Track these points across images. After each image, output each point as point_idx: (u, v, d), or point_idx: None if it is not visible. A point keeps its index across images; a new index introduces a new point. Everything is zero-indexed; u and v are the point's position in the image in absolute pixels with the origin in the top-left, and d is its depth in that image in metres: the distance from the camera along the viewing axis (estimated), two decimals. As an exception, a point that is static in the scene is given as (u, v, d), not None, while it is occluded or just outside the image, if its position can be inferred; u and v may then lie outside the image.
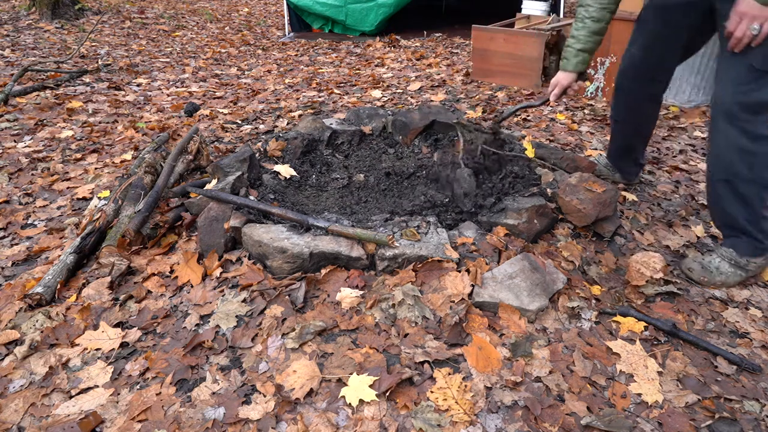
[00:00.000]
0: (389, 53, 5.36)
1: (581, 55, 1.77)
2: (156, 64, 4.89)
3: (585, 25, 1.74)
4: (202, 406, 1.32)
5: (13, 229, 2.13)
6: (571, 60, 1.79)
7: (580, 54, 1.77)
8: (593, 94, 3.75)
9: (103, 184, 2.48)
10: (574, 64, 1.79)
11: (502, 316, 1.58)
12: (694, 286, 1.77)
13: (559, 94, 1.86)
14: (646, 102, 2.06)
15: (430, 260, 1.70)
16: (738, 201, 1.66)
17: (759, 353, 1.49)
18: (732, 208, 1.69)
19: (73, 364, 1.46)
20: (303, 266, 1.73)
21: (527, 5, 5.18)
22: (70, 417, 1.29)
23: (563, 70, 1.82)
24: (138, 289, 1.73)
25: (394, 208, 2.04)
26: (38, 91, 3.84)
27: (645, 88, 2.00)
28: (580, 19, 1.76)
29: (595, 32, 1.74)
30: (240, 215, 1.87)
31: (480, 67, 4.21)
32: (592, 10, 1.72)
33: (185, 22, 7.25)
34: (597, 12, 1.71)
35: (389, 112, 2.87)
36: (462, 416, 1.27)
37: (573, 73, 1.81)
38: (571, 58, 1.79)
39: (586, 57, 1.77)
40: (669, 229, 2.08)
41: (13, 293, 1.71)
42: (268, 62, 5.09)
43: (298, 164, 2.40)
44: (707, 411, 1.31)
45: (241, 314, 1.61)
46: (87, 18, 6.97)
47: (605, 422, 1.26)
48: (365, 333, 1.54)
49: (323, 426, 1.26)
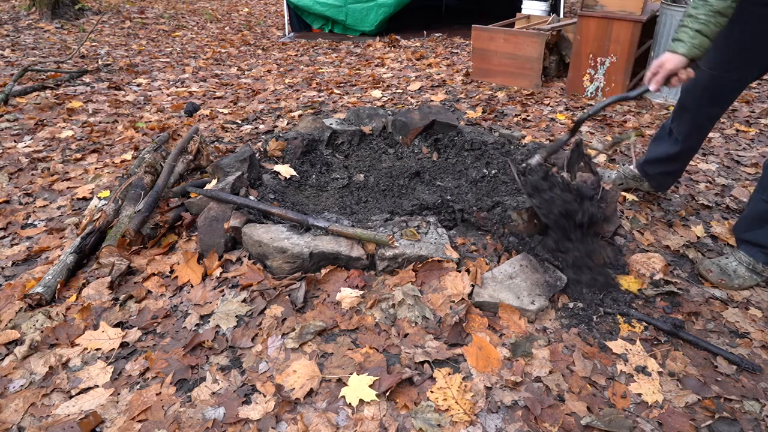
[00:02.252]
0: (389, 53, 5.36)
1: (699, 38, 1.46)
2: (156, 64, 4.89)
3: (706, 3, 1.44)
4: (202, 406, 1.32)
5: (13, 229, 2.13)
6: (686, 42, 1.47)
7: (698, 36, 1.46)
8: (593, 94, 3.75)
9: (103, 184, 2.48)
10: (689, 48, 1.47)
11: (502, 316, 1.58)
12: (694, 286, 1.77)
13: (663, 81, 1.53)
14: (708, 121, 1.93)
15: (430, 260, 1.70)
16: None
17: (759, 353, 1.49)
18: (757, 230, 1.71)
19: (73, 364, 1.46)
20: (303, 266, 1.73)
21: (527, 5, 5.18)
22: (70, 417, 1.29)
23: (672, 51, 1.50)
24: (138, 289, 1.73)
25: (394, 208, 2.04)
26: (38, 91, 3.84)
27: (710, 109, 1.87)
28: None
29: (719, 11, 1.44)
30: (240, 215, 1.87)
31: (480, 67, 4.21)
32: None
33: (185, 22, 7.25)
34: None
35: (389, 112, 2.87)
36: (462, 416, 1.27)
37: (684, 58, 1.49)
38: (685, 40, 1.47)
39: (704, 41, 1.46)
40: (669, 229, 2.08)
41: (13, 293, 1.71)
42: (268, 62, 5.09)
43: (298, 164, 2.40)
44: (707, 411, 1.31)
45: (241, 314, 1.61)
46: (87, 18, 6.97)
47: (605, 422, 1.26)
48: (365, 333, 1.54)
49: (323, 426, 1.26)
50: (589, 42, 3.58)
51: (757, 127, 3.19)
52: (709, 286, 1.77)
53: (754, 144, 2.96)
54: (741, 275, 1.74)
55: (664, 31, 3.38)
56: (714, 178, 2.54)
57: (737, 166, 2.68)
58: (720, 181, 2.51)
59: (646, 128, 3.15)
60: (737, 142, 2.98)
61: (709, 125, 1.96)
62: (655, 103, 3.59)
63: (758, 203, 1.71)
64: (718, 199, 2.34)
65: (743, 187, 2.43)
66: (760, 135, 3.08)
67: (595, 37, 3.54)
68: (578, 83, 3.78)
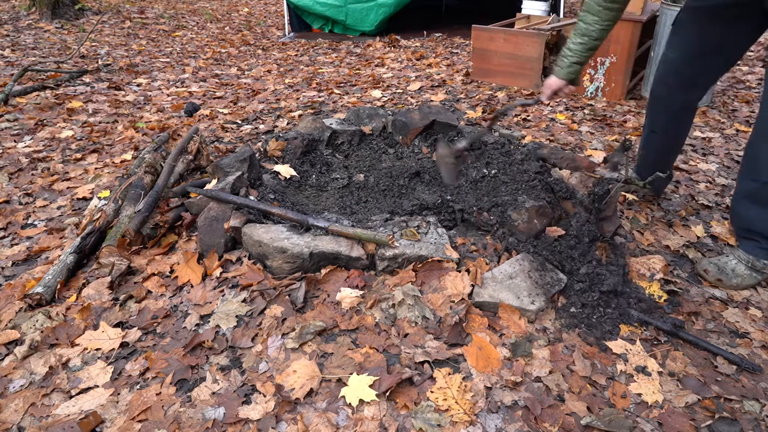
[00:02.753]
0: (389, 53, 5.36)
1: (574, 67, 1.78)
2: (156, 64, 4.89)
3: (583, 42, 1.73)
4: (202, 406, 1.32)
5: (13, 229, 2.13)
6: (564, 69, 1.79)
7: (574, 66, 1.77)
8: (593, 94, 3.75)
9: (103, 184, 2.48)
10: (566, 74, 1.79)
11: (502, 316, 1.58)
12: (694, 286, 1.77)
13: (551, 96, 1.88)
14: (684, 111, 2.00)
15: (430, 260, 1.70)
16: (759, 205, 1.68)
17: (759, 353, 1.49)
18: (752, 212, 1.71)
19: (73, 364, 1.46)
20: (303, 266, 1.73)
21: (527, 5, 5.18)
22: (70, 417, 1.29)
23: (555, 75, 1.83)
24: (138, 289, 1.73)
25: (394, 208, 2.04)
26: (38, 91, 3.84)
27: (684, 96, 1.94)
28: (580, 34, 1.74)
29: (591, 48, 1.74)
30: (240, 215, 1.87)
31: (480, 67, 4.21)
32: (592, 29, 1.70)
33: (185, 22, 7.25)
34: (597, 31, 1.70)
35: (389, 112, 2.87)
36: (462, 416, 1.27)
37: (563, 81, 1.82)
38: (564, 67, 1.79)
39: (579, 68, 1.78)
40: (669, 229, 2.08)
41: (13, 293, 1.71)
42: (268, 62, 5.09)
43: (298, 164, 2.40)
44: (707, 411, 1.31)
45: (241, 314, 1.61)
46: (87, 18, 6.97)
47: (605, 422, 1.26)
48: (365, 333, 1.54)
49: (323, 426, 1.26)
50: (589, 42, 3.58)
51: (757, 127, 3.18)
52: (707, 285, 1.77)
53: (754, 144, 2.95)
54: (740, 274, 1.74)
55: (664, 31, 3.38)
56: (714, 178, 2.54)
57: (737, 166, 2.68)
58: (720, 181, 2.51)
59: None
60: (737, 142, 2.98)
61: (684, 115, 2.00)
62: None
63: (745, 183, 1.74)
64: (718, 199, 2.34)
65: (743, 187, 2.43)
66: (760, 135, 3.08)
67: (595, 37, 3.54)
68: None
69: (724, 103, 3.64)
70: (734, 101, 3.68)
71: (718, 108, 3.52)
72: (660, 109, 2.02)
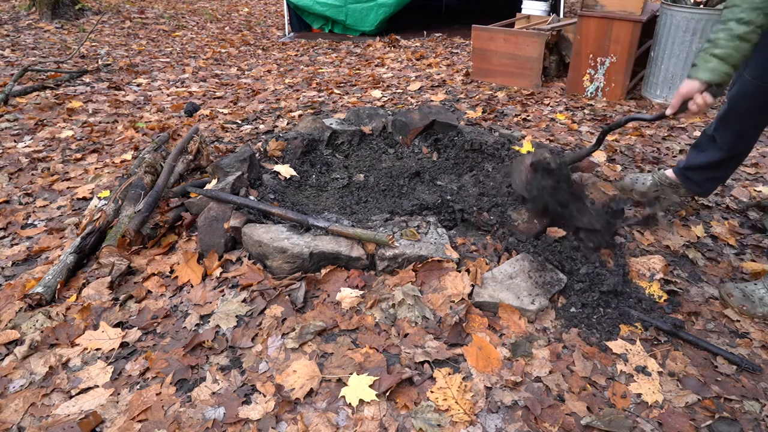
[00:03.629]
0: (389, 53, 5.36)
1: (713, 62, 1.45)
2: (156, 64, 4.89)
3: (726, 28, 1.43)
4: (202, 406, 1.32)
5: (13, 229, 2.13)
6: (700, 66, 1.48)
7: (713, 60, 1.45)
8: (593, 94, 3.75)
9: (103, 184, 2.48)
10: (702, 72, 1.47)
11: (502, 316, 1.58)
12: (694, 286, 1.77)
13: (678, 106, 1.55)
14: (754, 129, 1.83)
15: (430, 260, 1.70)
16: None
17: (759, 353, 1.49)
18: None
19: (73, 364, 1.46)
20: (303, 266, 1.73)
21: (527, 5, 5.18)
22: (70, 417, 1.29)
23: (689, 76, 1.51)
24: (138, 289, 1.73)
25: (394, 208, 2.04)
26: (38, 91, 3.84)
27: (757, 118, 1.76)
28: (723, 21, 1.45)
29: (740, 36, 1.42)
30: (240, 215, 1.87)
31: (480, 67, 4.21)
32: (738, 10, 1.40)
33: (185, 22, 7.25)
34: (747, 13, 1.39)
35: (389, 112, 2.87)
36: (462, 416, 1.27)
37: (698, 83, 1.48)
38: (700, 65, 1.48)
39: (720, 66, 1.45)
40: (669, 229, 2.08)
41: (13, 293, 1.71)
42: (268, 62, 5.09)
43: (298, 164, 2.40)
44: (707, 411, 1.31)
45: (241, 314, 1.61)
46: (87, 18, 6.97)
47: (605, 422, 1.26)
48: (365, 333, 1.54)
49: (323, 426, 1.26)
50: (589, 42, 3.58)
51: (757, 127, 3.18)
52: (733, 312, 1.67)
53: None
54: (767, 303, 1.63)
55: (664, 31, 3.38)
56: (714, 178, 2.54)
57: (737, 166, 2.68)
58: (720, 181, 2.51)
59: (646, 128, 3.15)
60: (737, 142, 2.97)
61: (756, 133, 1.85)
62: (655, 103, 3.59)
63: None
64: (718, 199, 2.34)
65: (743, 187, 2.43)
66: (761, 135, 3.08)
67: (595, 37, 3.54)
68: (578, 83, 3.78)
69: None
70: (734, 101, 3.68)
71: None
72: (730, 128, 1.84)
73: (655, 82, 3.57)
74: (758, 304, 1.63)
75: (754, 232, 2.10)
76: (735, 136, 1.85)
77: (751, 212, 2.23)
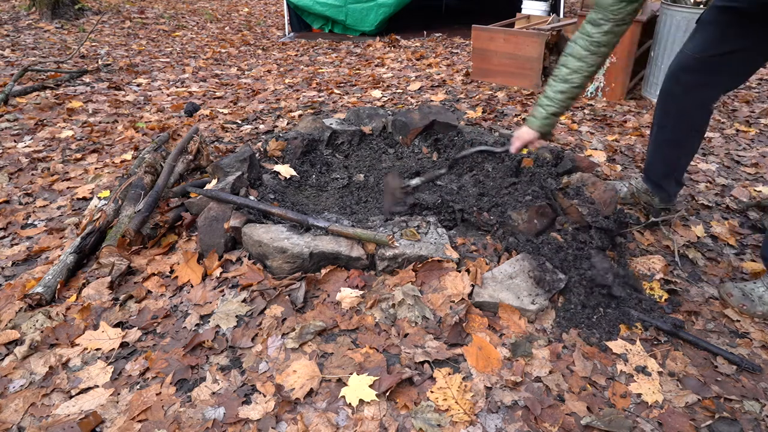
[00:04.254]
0: (389, 53, 5.36)
1: (551, 119, 1.67)
2: (156, 64, 4.89)
3: (564, 90, 1.62)
4: (202, 406, 1.32)
5: (13, 229, 2.13)
6: (539, 120, 1.69)
7: (551, 117, 1.67)
8: (593, 94, 3.75)
9: (103, 184, 2.48)
10: (540, 125, 1.70)
11: (502, 316, 1.58)
12: (694, 286, 1.77)
13: (520, 148, 1.80)
14: (696, 109, 1.84)
15: (430, 260, 1.70)
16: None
17: (759, 353, 1.49)
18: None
19: (73, 364, 1.46)
20: (303, 266, 1.73)
21: (527, 5, 5.19)
22: (70, 417, 1.29)
23: (528, 126, 1.73)
24: (138, 289, 1.73)
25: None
26: (38, 91, 3.84)
27: (695, 93, 1.79)
28: (560, 80, 1.62)
29: (572, 97, 1.63)
30: (240, 215, 1.87)
31: (480, 67, 4.21)
32: (576, 77, 1.59)
33: (185, 22, 7.25)
34: (580, 78, 1.59)
35: (389, 112, 2.87)
36: (462, 416, 1.27)
37: (537, 132, 1.72)
38: (539, 118, 1.69)
39: (555, 121, 1.69)
40: (669, 229, 2.08)
41: (13, 293, 1.71)
42: (268, 62, 5.09)
43: (298, 164, 2.40)
44: (707, 411, 1.31)
45: (241, 314, 1.61)
46: (87, 18, 6.97)
47: (605, 422, 1.26)
48: (365, 333, 1.54)
49: (323, 426, 1.26)
50: (589, 42, 3.57)
51: (757, 127, 3.19)
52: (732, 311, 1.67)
53: (754, 144, 2.96)
54: (767, 302, 1.63)
55: (664, 31, 3.38)
56: (714, 178, 2.54)
57: (737, 166, 2.68)
58: (720, 181, 2.51)
59: (645, 128, 3.15)
60: (737, 142, 2.98)
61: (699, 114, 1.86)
62: (655, 103, 3.59)
63: None
64: (718, 199, 2.34)
65: (743, 187, 2.43)
66: (760, 135, 3.08)
67: (595, 37, 3.54)
68: (578, 83, 3.77)
69: (724, 103, 3.64)
70: (734, 101, 3.68)
71: (717, 108, 3.52)
72: (670, 106, 1.89)
73: (655, 82, 3.57)
74: (758, 302, 1.63)
75: (754, 232, 2.10)
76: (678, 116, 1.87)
77: (751, 212, 2.23)
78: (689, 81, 1.78)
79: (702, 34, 1.74)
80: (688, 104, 1.83)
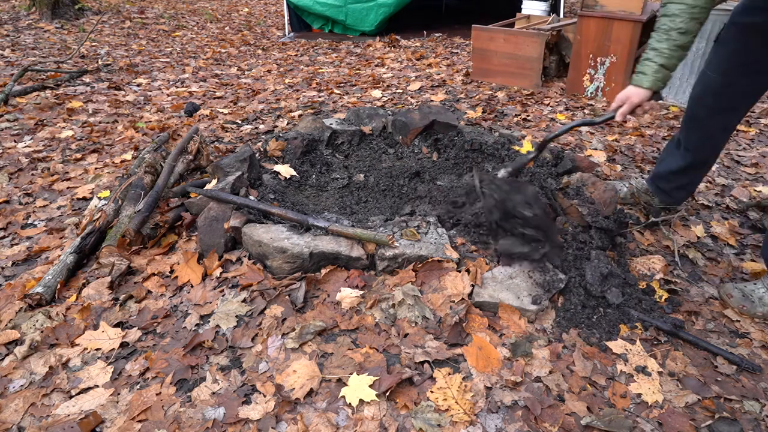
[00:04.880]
0: (389, 53, 5.36)
1: (662, 72, 1.52)
2: (156, 64, 4.89)
3: (670, 38, 1.49)
4: (202, 406, 1.32)
5: (13, 229, 2.13)
6: (649, 76, 1.54)
7: (661, 70, 1.52)
8: (593, 94, 3.75)
9: (103, 184, 2.48)
10: (652, 81, 1.53)
11: (502, 316, 1.58)
12: (694, 286, 1.77)
13: (628, 112, 1.61)
14: (721, 132, 1.83)
15: (430, 260, 1.70)
16: None
17: (759, 353, 1.49)
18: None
19: (73, 364, 1.46)
20: (303, 266, 1.73)
21: (527, 5, 5.18)
22: (70, 417, 1.29)
23: (636, 85, 1.56)
24: (138, 289, 1.73)
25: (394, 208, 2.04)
26: (38, 91, 3.84)
27: (723, 118, 1.77)
28: (664, 31, 1.50)
29: (681, 46, 1.49)
30: (240, 215, 1.87)
31: (480, 67, 4.21)
32: (679, 21, 1.46)
33: (185, 22, 7.25)
34: (685, 23, 1.45)
35: (389, 112, 2.87)
36: (462, 416, 1.27)
37: (648, 91, 1.55)
38: (648, 74, 1.54)
39: (667, 74, 1.53)
40: (669, 229, 2.08)
41: (13, 293, 1.71)
42: (268, 62, 5.09)
43: (298, 164, 2.40)
44: (707, 411, 1.31)
45: (241, 314, 1.61)
46: (87, 18, 6.97)
47: (605, 422, 1.26)
48: (365, 333, 1.54)
49: (323, 426, 1.26)
50: (589, 42, 3.58)
51: (757, 127, 3.19)
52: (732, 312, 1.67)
53: (754, 144, 2.96)
54: (767, 303, 1.63)
55: (664, 31, 3.37)
56: (714, 178, 2.54)
57: (737, 166, 2.68)
58: (720, 181, 2.51)
59: (646, 128, 3.15)
60: (737, 142, 2.98)
61: (721, 136, 1.86)
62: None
63: None
64: (718, 199, 2.34)
65: (743, 187, 2.43)
66: (760, 135, 3.08)
67: (595, 37, 3.55)
68: (578, 83, 3.78)
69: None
70: (734, 101, 3.68)
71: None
72: (695, 130, 1.85)
73: (655, 82, 3.57)
74: (758, 303, 1.63)
75: (754, 232, 2.10)
76: (700, 138, 1.85)
77: (751, 212, 2.23)
78: (715, 106, 1.75)
79: (722, 54, 1.69)
80: (712, 128, 1.81)
